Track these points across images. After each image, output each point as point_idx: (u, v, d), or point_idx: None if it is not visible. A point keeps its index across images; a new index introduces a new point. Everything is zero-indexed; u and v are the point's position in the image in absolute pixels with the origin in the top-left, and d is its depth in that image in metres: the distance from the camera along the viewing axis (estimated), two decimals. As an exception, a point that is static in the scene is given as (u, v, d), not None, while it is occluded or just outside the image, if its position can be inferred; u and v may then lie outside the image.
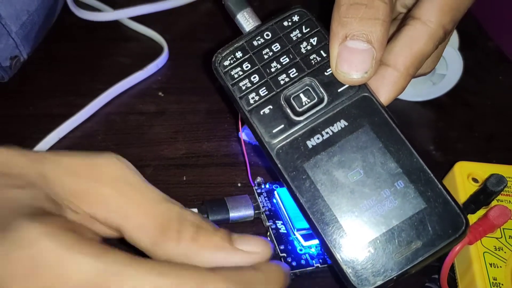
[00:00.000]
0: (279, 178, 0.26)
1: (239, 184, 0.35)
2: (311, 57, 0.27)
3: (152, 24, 0.47)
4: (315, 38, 0.27)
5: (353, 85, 0.26)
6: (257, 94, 0.27)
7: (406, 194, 0.24)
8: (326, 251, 0.25)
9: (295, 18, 0.28)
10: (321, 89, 0.26)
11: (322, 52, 0.27)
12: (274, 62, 0.27)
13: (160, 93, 0.42)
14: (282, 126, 0.26)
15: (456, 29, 0.42)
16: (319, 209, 0.25)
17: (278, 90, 0.27)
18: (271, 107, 0.27)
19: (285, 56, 0.27)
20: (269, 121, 0.26)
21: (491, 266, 0.28)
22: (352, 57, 0.25)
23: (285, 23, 0.28)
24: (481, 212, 0.30)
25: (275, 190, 0.34)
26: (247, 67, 0.27)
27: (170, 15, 0.49)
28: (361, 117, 0.26)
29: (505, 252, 0.29)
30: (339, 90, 0.26)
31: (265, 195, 0.34)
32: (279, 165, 0.26)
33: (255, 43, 0.28)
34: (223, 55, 0.28)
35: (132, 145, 0.37)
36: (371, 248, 0.24)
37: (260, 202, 0.33)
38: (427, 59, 0.28)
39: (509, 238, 0.30)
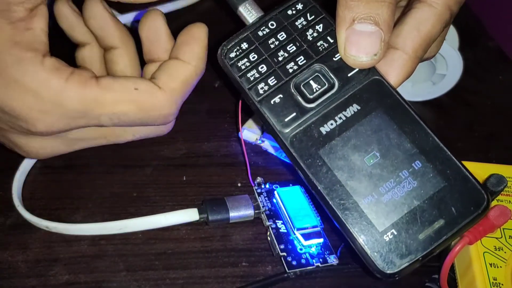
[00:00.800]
0: (295, 167, 0.26)
1: (239, 184, 0.36)
2: (318, 44, 0.27)
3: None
4: (321, 25, 0.27)
5: (363, 69, 0.26)
6: (266, 83, 0.27)
7: (424, 174, 0.24)
8: (348, 238, 0.24)
9: (299, 6, 0.28)
10: (331, 74, 0.26)
11: (329, 38, 0.27)
12: (281, 51, 0.27)
13: (160, 93, 0.42)
14: (294, 114, 0.26)
15: (456, 28, 0.42)
16: (338, 195, 0.24)
17: (288, 78, 0.27)
18: (281, 96, 0.26)
19: (291, 44, 0.27)
20: (280, 110, 0.26)
21: (491, 266, 0.28)
22: (361, 40, 0.25)
23: (289, 12, 0.28)
24: (481, 212, 0.30)
25: (275, 190, 0.34)
26: (253, 57, 0.27)
27: (170, 15, 0.49)
28: (373, 100, 0.26)
29: (505, 252, 0.29)
30: (349, 75, 0.26)
31: (265, 195, 0.34)
32: (294, 154, 0.25)
33: (260, 33, 0.28)
34: (228, 47, 0.28)
35: (132, 145, 0.37)
36: (394, 230, 0.24)
37: (260, 202, 0.33)
38: (434, 41, 0.28)
39: (509, 238, 0.30)
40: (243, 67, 0.27)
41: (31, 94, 0.25)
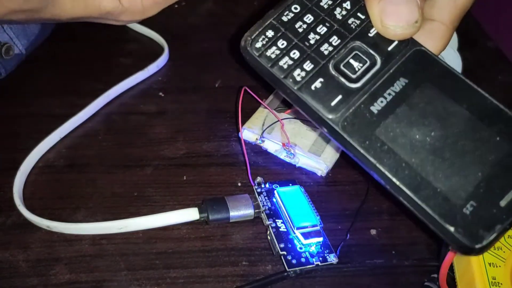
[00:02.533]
0: (349, 154, 0.24)
1: (239, 184, 0.36)
2: (350, 22, 0.25)
3: (153, 25, 0.47)
4: (348, 2, 0.26)
5: (403, 41, 0.25)
6: (302, 69, 0.25)
7: (490, 138, 0.23)
8: (426, 219, 0.23)
9: None
10: (371, 51, 0.25)
11: (359, 14, 0.26)
12: (311, 33, 0.25)
13: (160, 93, 0.42)
14: (340, 96, 0.24)
15: (455, 29, 0.43)
16: (406, 175, 0.23)
17: (325, 60, 0.25)
18: (322, 79, 0.25)
19: (321, 25, 0.25)
20: (324, 95, 0.24)
21: (490, 266, 0.29)
22: (398, 9, 0.25)
23: None
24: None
25: (275, 189, 0.34)
26: (283, 44, 0.25)
27: (171, 16, 0.49)
28: (420, 71, 0.24)
29: (504, 252, 0.29)
30: (389, 49, 0.25)
31: (265, 195, 0.34)
32: (348, 139, 0.24)
33: (284, 18, 0.26)
34: (252, 37, 0.25)
35: (132, 145, 0.38)
36: (473, 201, 0.22)
37: (260, 201, 0.33)
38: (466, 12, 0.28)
39: (508, 237, 0.30)
40: (273, 56, 0.25)
41: None
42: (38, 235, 0.31)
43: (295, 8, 0.26)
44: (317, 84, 0.24)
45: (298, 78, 0.25)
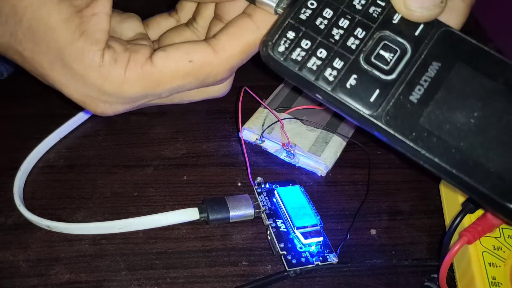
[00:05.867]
0: (396, 148, 0.23)
1: (239, 184, 0.36)
2: (371, 10, 0.24)
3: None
4: None
5: (428, 23, 0.24)
6: (333, 68, 0.24)
7: None
8: (485, 201, 0.22)
9: None
10: (399, 38, 0.24)
11: (379, 2, 0.24)
12: (334, 29, 0.24)
13: (160, 93, 0.42)
14: (378, 91, 0.23)
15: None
16: (459, 161, 0.22)
17: (354, 55, 0.24)
18: (355, 76, 0.23)
19: (342, 18, 0.24)
20: (361, 92, 0.23)
21: (490, 266, 0.29)
22: None
23: None
24: (480, 211, 0.30)
25: (275, 189, 0.34)
26: (307, 44, 0.24)
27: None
28: (451, 52, 0.24)
29: (504, 252, 0.29)
30: (416, 33, 0.24)
31: (265, 195, 0.34)
32: (394, 133, 0.23)
33: (302, 16, 0.24)
34: (273, 41, 0.24)
35: (133, 145, 0.38)
36: None
37: (260, 201, 0.33)
38: None
39: (508, 237, 0.30)
40: (299, 58, 0.24)
41: (94, 88, 0.26)
42: (38, 235, 0.31)
43: (312, 4, 0.24)
44: (352, 81, 0.23)
45: (331, 78, 0.24)
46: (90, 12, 0.25)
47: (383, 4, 0.24)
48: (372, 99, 0.23)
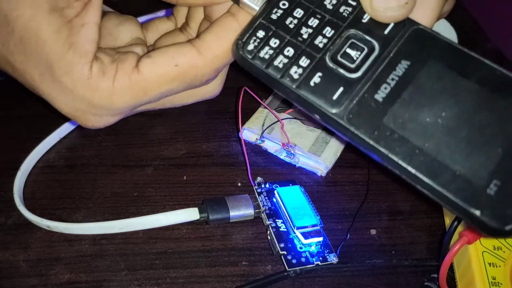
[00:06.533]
0: (359, 147, 0.23)
1: (239, 184, 0.36)
2: (341, 10, 0.25)
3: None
4: None
5: (398, 22, 0.24)
6: (299, 66, 0.24)
7: (504, 111, 0.22)
8: (449, 205, 0.21)
9: None
10: (367, 37, 0.24)
11: (350, 1, 0.25)
12: (303, 28, 0.24)
13: (160, 94, 0.42)
14: (342, 89, 0.23)
15: (455, 30, 0.43)
16: (421, 162, 0.21)
17: (321, 54, 0.24)
18: (320, 74, 0.24)
19: (312, 18, 0.24)
20: (324, 89, 0.23)
21: (490, 266, 0.29)
22: None
23: None
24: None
25: (275, 189, 0.34)
26: (275, 43, 0.24)
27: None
28: (421, 50, 0.23)
29: (504, 252, 0.29)
30: (385, 32, 0.24)
31: (265, 195, 0.34)
32: (356, 132, 0.22)
33: (273, 16, 0.25)
34: (243, 40, 0.25)
35: (132, 146, 0.38)
36: (496, 180, 0.20)
37: (260, 201, 0.33)
38: None
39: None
40: (266, 56, 0.24)
41: (83, 101, 0.26)
42: (38, 235, 0.31)
43: (283, 5, 0.25)
44: (316, 79, 0.24)
45: (296, 76, 0.24)
46: (80, 22, 0.25)
47: (354, 4, 0.25)
48: (335, 97, 0.23)
